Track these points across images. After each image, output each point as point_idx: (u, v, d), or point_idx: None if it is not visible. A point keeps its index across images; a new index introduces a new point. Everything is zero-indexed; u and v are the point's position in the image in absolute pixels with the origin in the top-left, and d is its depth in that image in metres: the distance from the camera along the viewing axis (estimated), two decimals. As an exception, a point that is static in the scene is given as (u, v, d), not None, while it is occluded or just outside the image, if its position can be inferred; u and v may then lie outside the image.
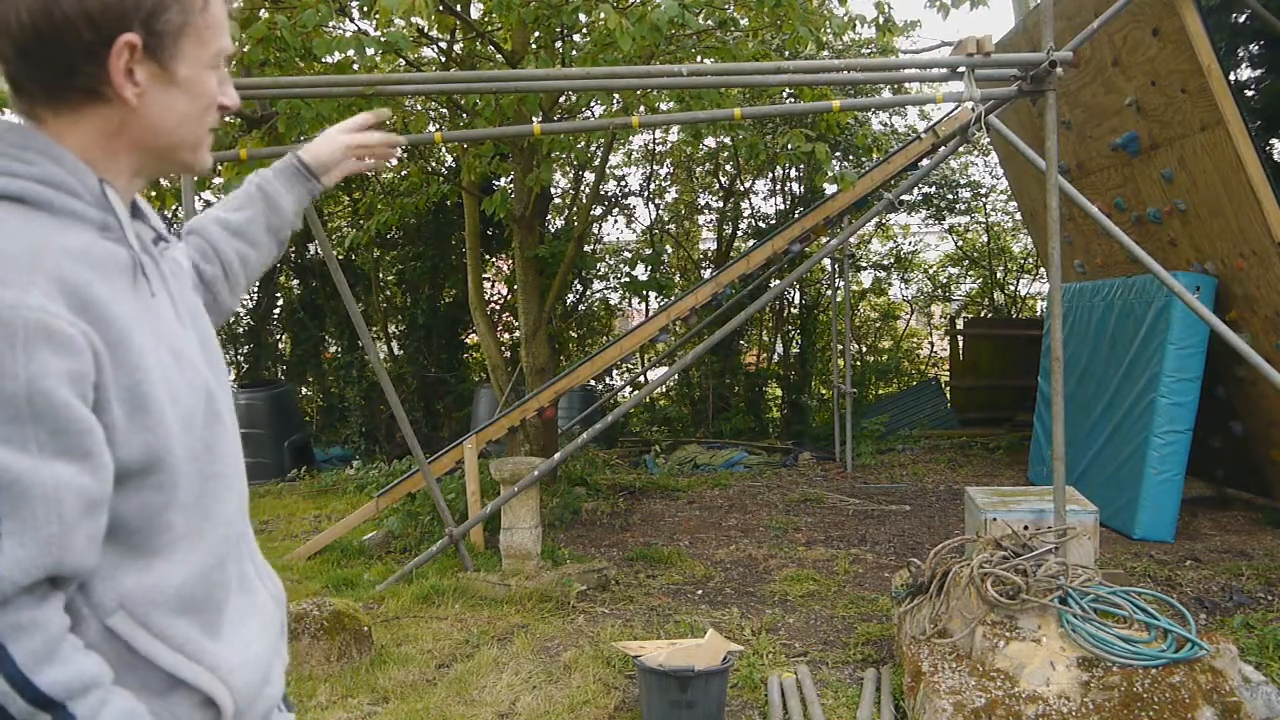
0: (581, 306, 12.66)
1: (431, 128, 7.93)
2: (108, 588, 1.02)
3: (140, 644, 1.03)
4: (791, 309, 12.46)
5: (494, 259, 11.69)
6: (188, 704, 1.06)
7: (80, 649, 0.97)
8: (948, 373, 12.44)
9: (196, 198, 5.32)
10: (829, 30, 6.43)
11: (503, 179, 8.94)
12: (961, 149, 9.56)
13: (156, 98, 1.05)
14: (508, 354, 9.27)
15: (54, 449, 0.93)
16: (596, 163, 8.39)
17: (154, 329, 1.05)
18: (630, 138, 10.15)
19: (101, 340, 0.97)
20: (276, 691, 1.23)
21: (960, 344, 11.74)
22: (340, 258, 9.99)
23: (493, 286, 11.83)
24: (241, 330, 12.03)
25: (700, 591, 5.33)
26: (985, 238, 13.68)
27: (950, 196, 12.63)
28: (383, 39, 5.06)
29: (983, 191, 12.93)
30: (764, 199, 12.91)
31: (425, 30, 6.90)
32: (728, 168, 12.21)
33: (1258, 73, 7.63)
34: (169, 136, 1.08)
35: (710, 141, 10.73)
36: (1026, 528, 3.88)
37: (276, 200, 1.56)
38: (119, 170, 1.08)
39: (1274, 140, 7.59)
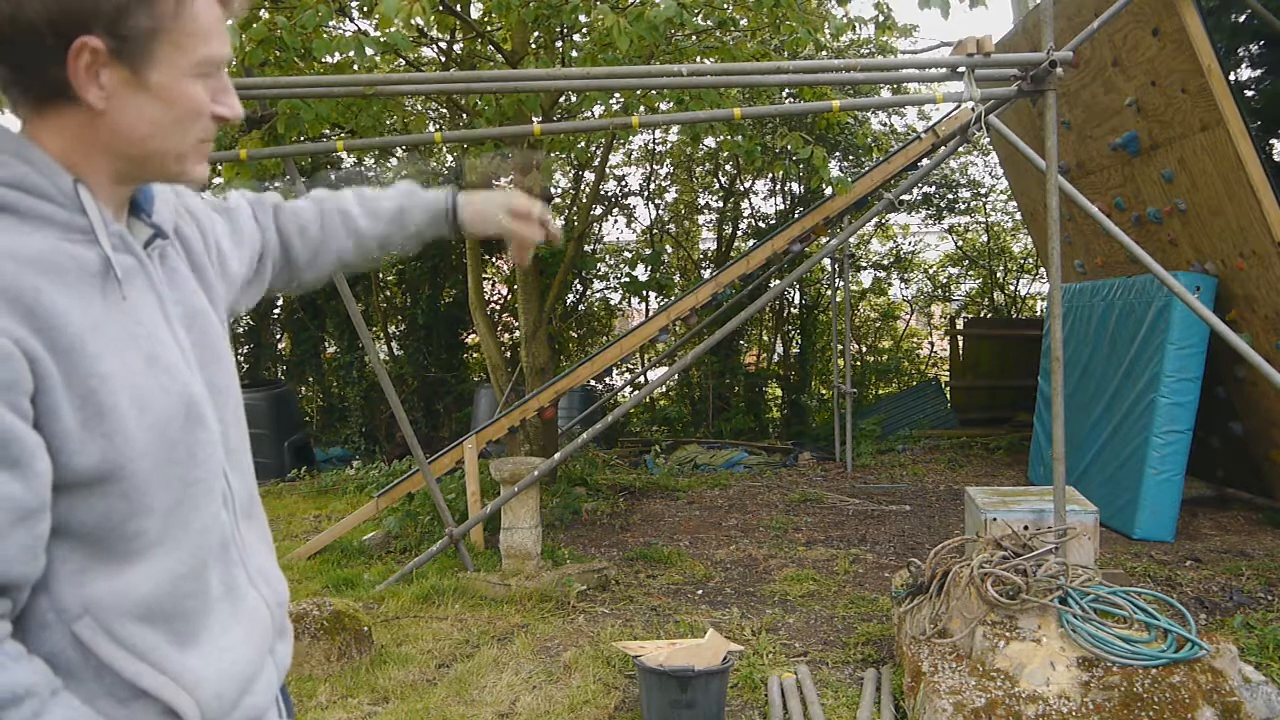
0: (581, 306, 12.66)
1: (431, 128, 7.94)
2: (74, 593, 1.00)
3: (103, 651, 1.01)
4: (791, 309, 12.46)
5: (494, 259, 11.69)
6: (150, 713, 1.04)
7: (18, 657, 0.94)
8: (948, 373, 12.43)
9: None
10: (828, 30, 6.43)
11: (503, 179, 8.94)
12: (961, 149, 9.56)
13: (127, 103, 1.02)
14: (508, 354, 9.27)
15: None
16: (596, 163, 8.39)
17: (126, 333, 1.03)
18: (630, 138, 10.15)
19: (46, 347, 0.95)
20: (263, 701, 1.20)
21: (960, 344, 11.74)
22: (340, 258, 9.97)
23: (493, 286, 11.83)
24: (241, 330, 12.02)
25: (700, 591, 5.33)
26: (985, 238, 13.69)
27: (950, 196, 12.64)
28: (382, 39, 5.07)
29: (983, 191, 12.94)
30: (764, 199, 12.93)
31: (425, 30, 6.91)
32: (727, 167, 12.21)
33: (1258, 73, 7.63)
34: (142, 144, 1.04)
35: (710, 141, 10.75)
36: (1026, 528, 3.88)
37: (408, 231, 1.56)
38: (98, 176, 1.05)
39: (1274, 140, 7.58)
